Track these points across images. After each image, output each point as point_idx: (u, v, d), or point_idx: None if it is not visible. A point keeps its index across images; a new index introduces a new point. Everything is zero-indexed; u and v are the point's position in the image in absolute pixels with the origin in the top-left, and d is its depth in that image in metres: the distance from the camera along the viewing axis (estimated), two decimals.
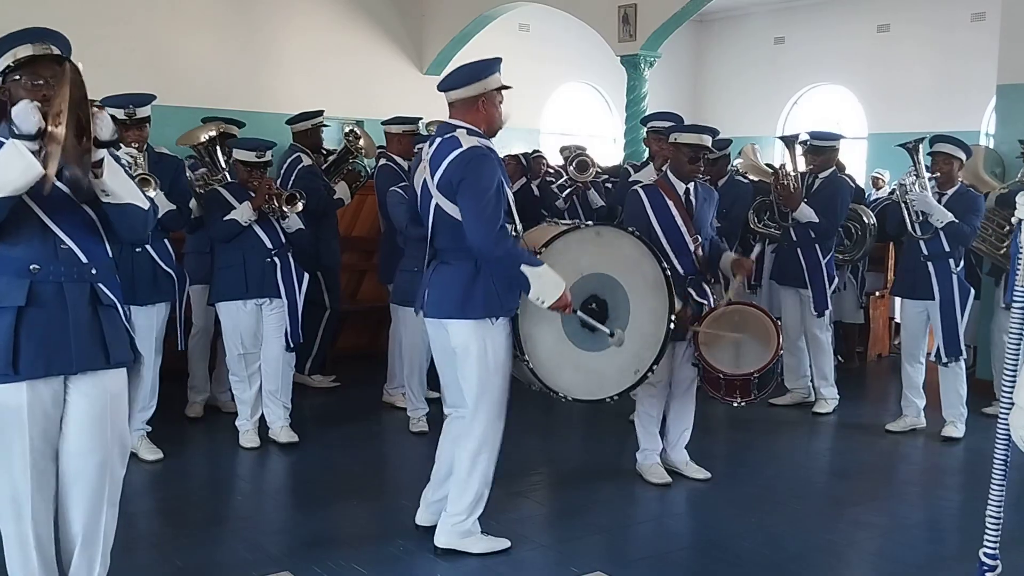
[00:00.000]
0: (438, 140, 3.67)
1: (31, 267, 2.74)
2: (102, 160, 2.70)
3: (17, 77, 2.76)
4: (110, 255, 2.94)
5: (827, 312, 6.18)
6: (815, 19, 13.27)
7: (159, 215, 4.73)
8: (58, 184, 2.73)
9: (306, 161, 6.23)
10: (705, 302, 4.67)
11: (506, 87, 3.76)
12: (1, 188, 2.60)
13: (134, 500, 4.28)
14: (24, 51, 2.75)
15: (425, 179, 3.69)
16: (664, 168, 4.90)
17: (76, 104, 2.55)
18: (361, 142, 6.63)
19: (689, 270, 4.60)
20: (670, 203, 4.59)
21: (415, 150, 5.61)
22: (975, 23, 11.49)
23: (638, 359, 3.96)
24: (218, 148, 5.63)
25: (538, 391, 3.92)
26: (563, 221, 4.13)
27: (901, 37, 12.37)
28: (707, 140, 4.64)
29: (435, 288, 3.70)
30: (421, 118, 6.15)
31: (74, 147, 2.57)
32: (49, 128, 2.57)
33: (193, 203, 5.39)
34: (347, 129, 6.59)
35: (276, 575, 3.59)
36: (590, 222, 4.03)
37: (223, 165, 5.59)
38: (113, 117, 4.74)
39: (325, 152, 6.72)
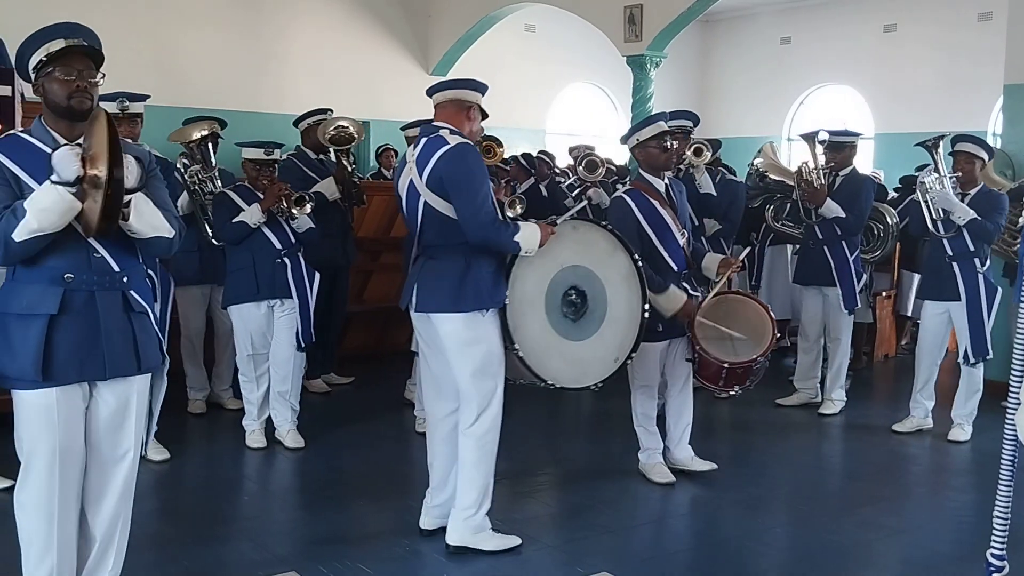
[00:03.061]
0: (424, 140, 3.76)
1: (65, 276, 2.77)
2: (128, 203, 2.74)
3: (50, 70, 2.78)
4: (142, 262, 2.97)
5: (855, 310, 6.16)
6: (821, 19, 13.26)
7: None
8: None
9: (285, 158, 6.23)
10: (696, 295, 4.70)
11: (485, 115, 3.92)
12: (43, 229, 2.66)
13: (141, 500, 4.25)
14: (56, 45, 2.78)
15: (412, 179, 3.76)
16: (639, 170, 4.87)
17: (110, 152, 2.59)
18: (351, 129, 6.32)
19: (681, 265, 4.62)
20: (655, 202, 4.60)
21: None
22: (982, 23, 11.46)
23: (618, 348, 4.04)
24: (211, 146, 5.61)
25: (526, 384, 3.97)
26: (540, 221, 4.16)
27: (908, 37, 12.35)
28: (664, 125, 4.63)
29: (424, 283, 3.76)
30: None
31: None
32: (89, 172, 2.62)
33: (184, 199, 5.41)
34: (330, 132, 6.41)
35: (282, 575, 3.60)
36: (567, 216, 4.11)
37: (214, 163, 5.59)
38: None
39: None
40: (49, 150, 2.74)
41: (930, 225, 5.58)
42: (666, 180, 4.71)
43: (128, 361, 2.88)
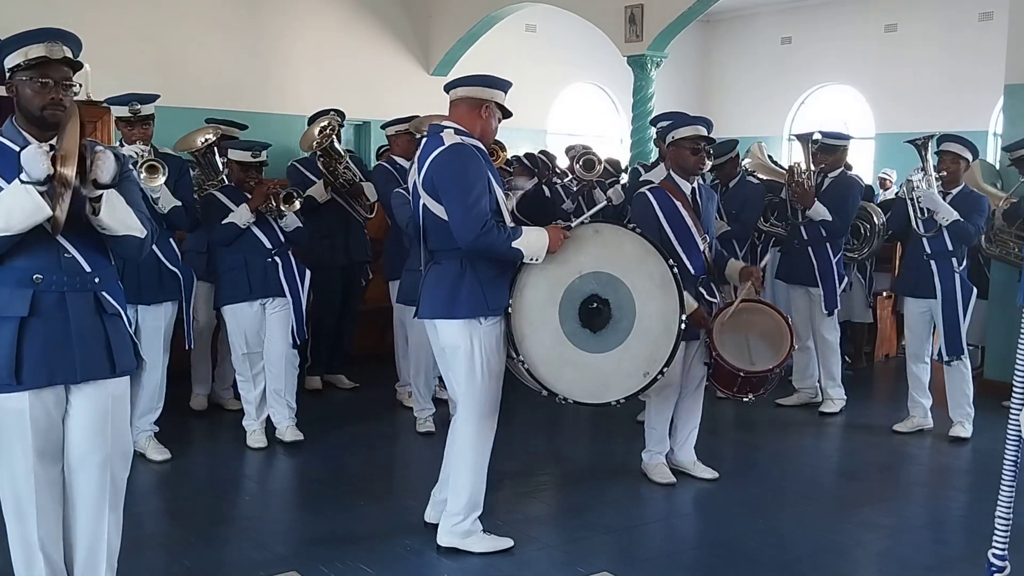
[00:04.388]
0: (425, 140, 3.71)
1: (34, 277, 2.72)
2: (100, 197, 2.69)
3: (26, 77, 2.73)
4: (113, 263, 2.93)
5: (837, 311, 6.17)
6: (822, 19, 13.24)
7: (166, 211, 4.75)
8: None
9: (290, 164, 6.27)
10: (715, 301, 4.68)
11: (507, 113, 3.78)
12: (8, 228, 2.62)
13: (142, 500, 4.29)
14: (36, 51, 2.73)
15: (414, 180, 3.72)
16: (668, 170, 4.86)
17: (78, 144, 2.57)
18: (328, 128, 6.24)
19: (700, 270, 4.60)
20: (678, 204, 4.58)
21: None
22: (983, 23, 11.44)
23: (648, 361, 3.79)
24: (215, 152, 5.57)
25: (546, 396, 3.86)
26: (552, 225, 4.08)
27: (909, 37, 12.33)
28: (703, 130, 4.61)
29: (427, 289, 3.73)
30: (417, 116, 6.07)
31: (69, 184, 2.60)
32: (59, 170, 2.57)
33: None
34: (314, 142, 6.30)
35: (283, 575, 3.60)
36: (586, 219, 3.88)
37: (220, 168, 5.56)
38: (118, 117, 4.79)
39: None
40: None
41: (913, 223, 5.60)
42: (694, 184, 4.68)
43: (101, 364, 2.83)
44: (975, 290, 5.58)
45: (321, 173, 6.19)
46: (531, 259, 3.59)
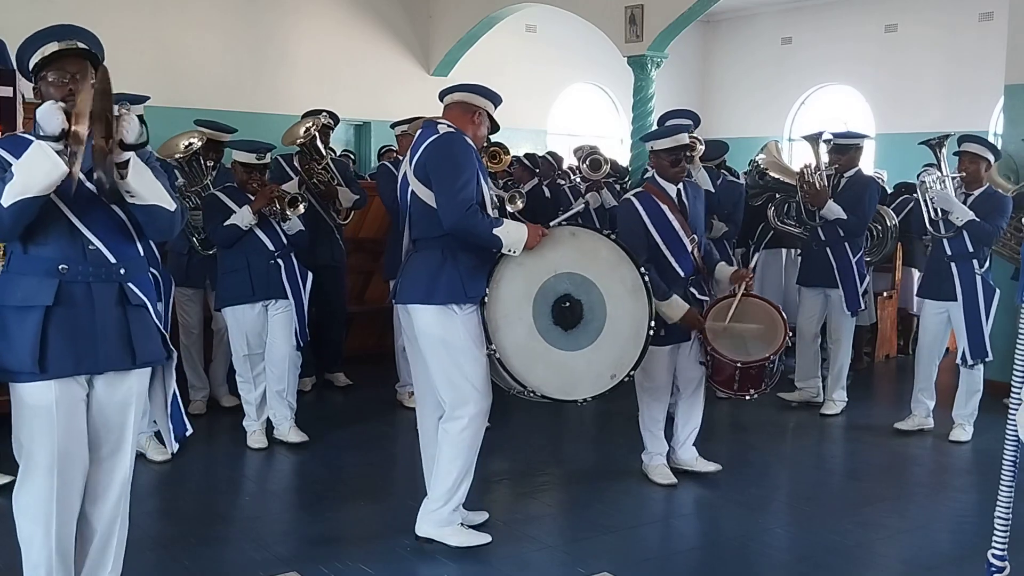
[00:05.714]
0: (419, 132, 3.79)
1: (60, 267, 2.75)
2: (127, 162, 2.69)
3: (44, 74, 2.77)
4: (141, 253, 2.94)
5: (859, 312, 6.15)
6: (822, 19, 13.25)
7: None
8: (87, 184, 2.74)
9: (273, 159, 6.24)
10: (706, 299, 4.69)
11: (496, 126, 3.90)
12: (28, 189, 2.60)
13: (142, 500, 4.29)
14: (50, 48, 2.77)
15: (405, 170, 3.78)
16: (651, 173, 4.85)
17: (101, 105, 2.55)
18: (313, 128, 6.15)
19: (689, 271, 4.60)
20: (664, 207, 4.57)
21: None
22: (983, 23, 11.46)
23: (616, 363, 3.84)
24: (200, 157, 5.51)
25: (514, 393, 3.89)
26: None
27: (909, 37, 12.35)
28: (683, 139, 4.58)
29: (405, 275, 3.79)
30: (421, 117, 6.07)
31: (100, 148, 2.57)
32: (73, 128, 2.56)
33: None
34: (299, 143, 6.25)
35: (283, 575, 3.60)
36: (560, 220, 3.98)
37: (205, 174, 5.53)
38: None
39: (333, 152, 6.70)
40: None
41: (928, 224, 5.58)
42: (679, 184, 4.67)
43: (122, 355, 2.84)
44: (998, 292, 5.55)
45: (297, 171, 6.17)
46: (509, 250, 3.68)
